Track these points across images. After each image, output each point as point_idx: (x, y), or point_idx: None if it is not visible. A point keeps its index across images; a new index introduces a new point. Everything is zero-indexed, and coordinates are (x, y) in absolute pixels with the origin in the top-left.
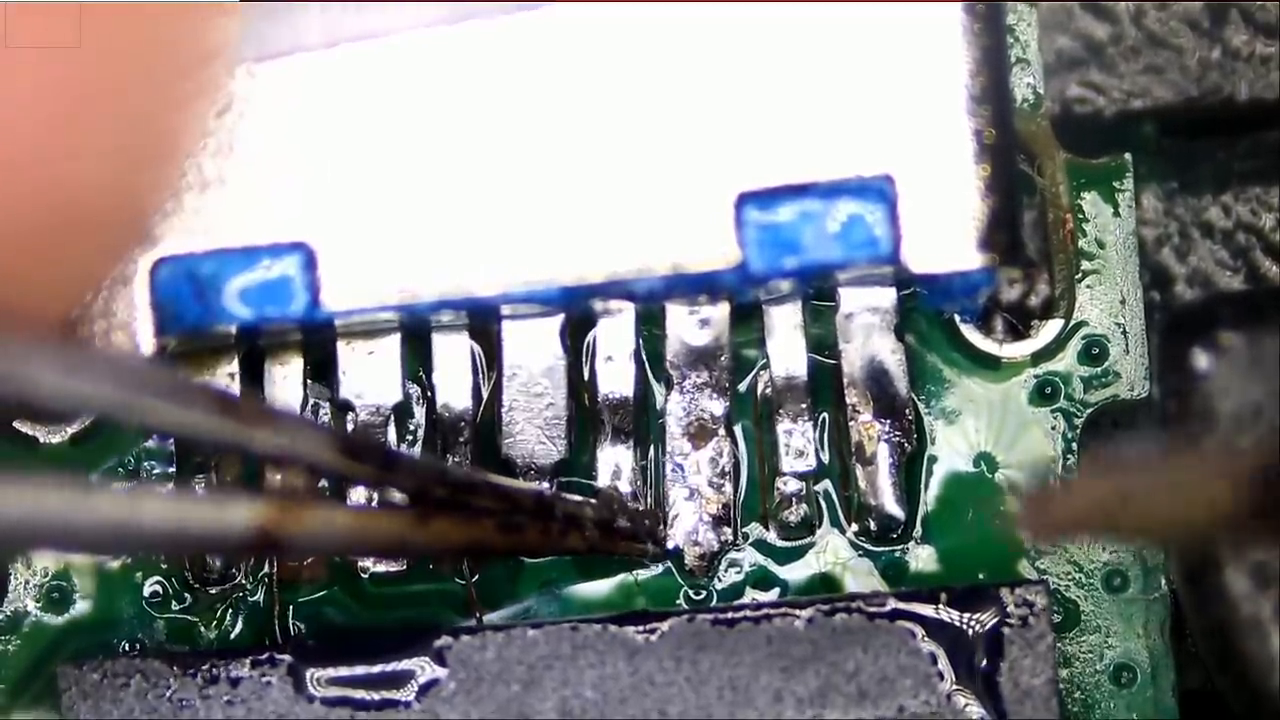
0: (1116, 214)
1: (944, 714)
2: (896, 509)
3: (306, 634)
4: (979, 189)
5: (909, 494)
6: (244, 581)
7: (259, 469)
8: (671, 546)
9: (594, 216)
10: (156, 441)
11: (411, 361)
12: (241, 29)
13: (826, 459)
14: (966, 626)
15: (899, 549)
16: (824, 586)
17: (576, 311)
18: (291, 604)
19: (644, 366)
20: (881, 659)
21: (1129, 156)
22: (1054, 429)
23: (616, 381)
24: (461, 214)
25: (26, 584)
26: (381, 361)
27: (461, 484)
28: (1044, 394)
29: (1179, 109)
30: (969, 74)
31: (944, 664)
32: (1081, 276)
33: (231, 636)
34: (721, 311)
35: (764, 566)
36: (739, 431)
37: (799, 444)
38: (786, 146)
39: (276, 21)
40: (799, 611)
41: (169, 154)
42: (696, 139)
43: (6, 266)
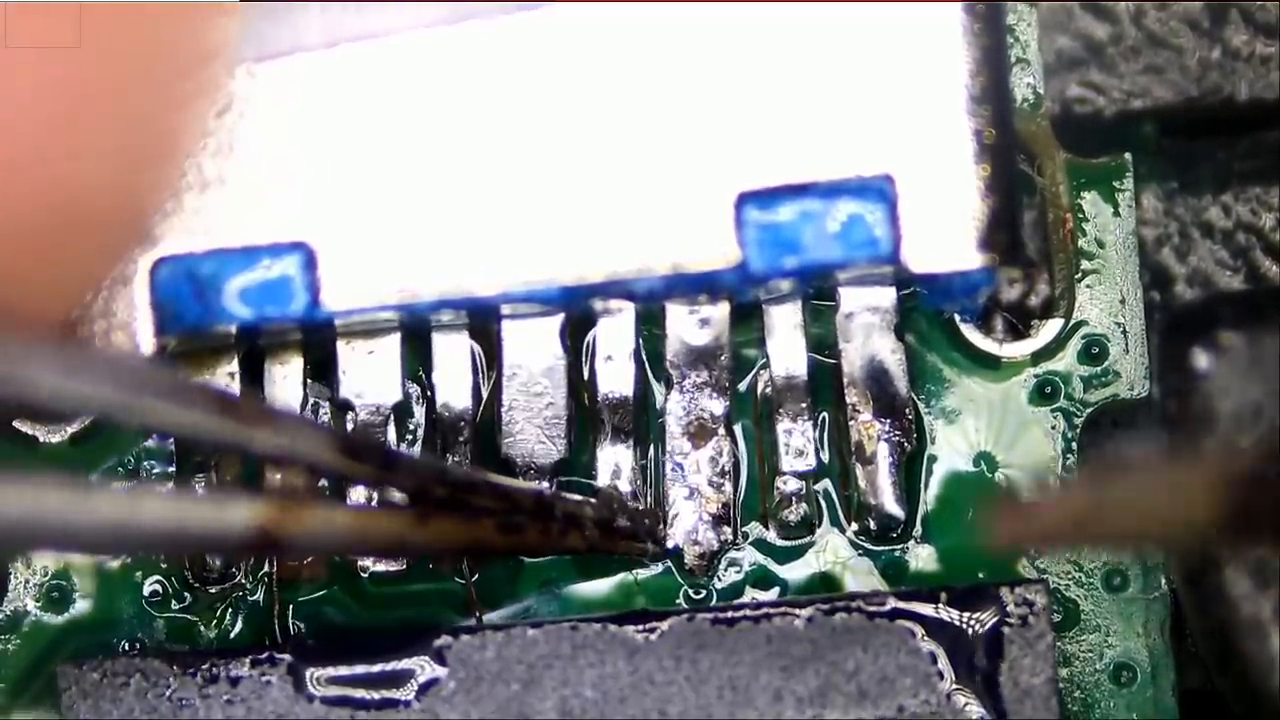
0: (1116, 214)
1: (944, 713)
2: (896, 508)
3: (306, 633)
4: (979, 189)
5: (909, 493)
6: (244, 581)
7: (259, 469)
8: (671, 546)
9: (594, 216)
10: (156, 441)
11: (411, 361)
12: (241, 29)
13: (826, 458)
14: (966, 626)
15: (899, 548)
16: (824, 586)
17: (576, 311)
18: (291, 603)
19: (644, 366)
20: (881, 658)
21: (1129, 156)
22: (1054, 428)
23: (616, 381)
24: (461, 214)
25: (26, 583)
26: (381, 361)
27: (461, 483)
28: (1044, 393)
29: (1179, 109)
30: (969, 74)
31: (944, 663)
32: (1081, 276)
33: (231, 636)
34: (721, 311)
35: (764, 566)
36: (739, 431)
37: (799, 443)
38: (786, 146)
39: (276, 21)
40: (799, 611)
41: (169, 154)
42: (696, 139)
43: (6, 266)
